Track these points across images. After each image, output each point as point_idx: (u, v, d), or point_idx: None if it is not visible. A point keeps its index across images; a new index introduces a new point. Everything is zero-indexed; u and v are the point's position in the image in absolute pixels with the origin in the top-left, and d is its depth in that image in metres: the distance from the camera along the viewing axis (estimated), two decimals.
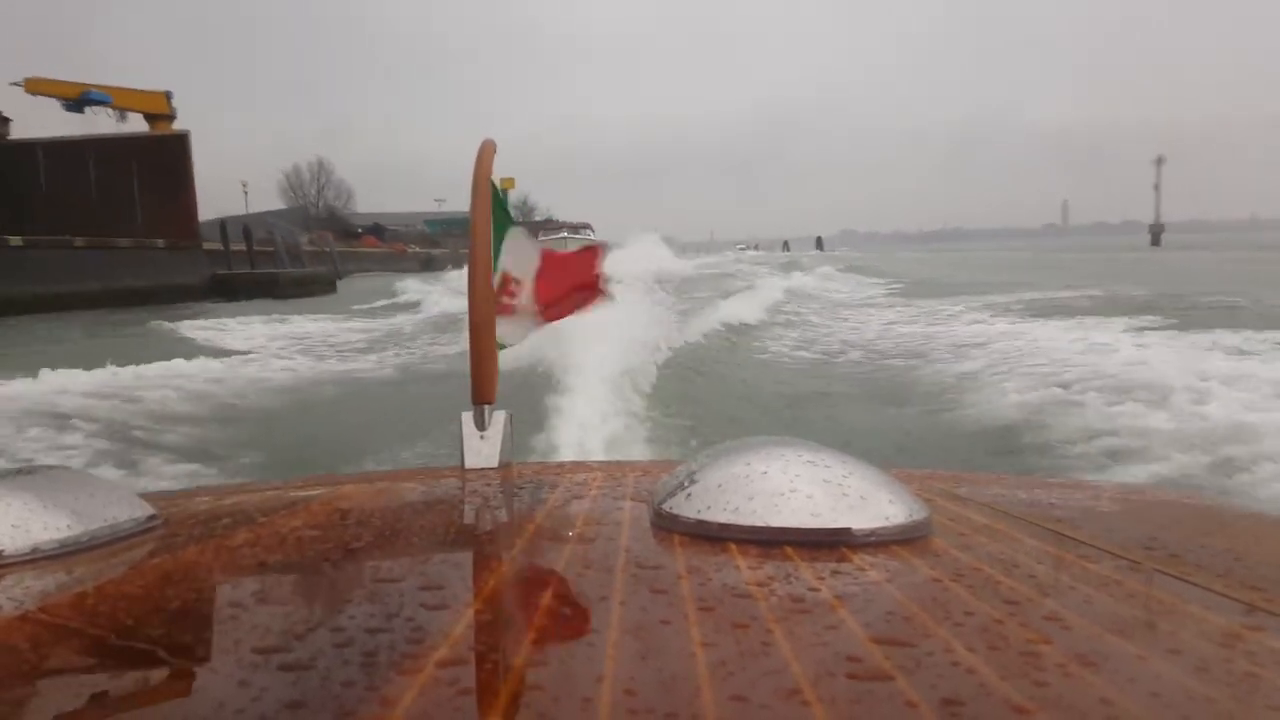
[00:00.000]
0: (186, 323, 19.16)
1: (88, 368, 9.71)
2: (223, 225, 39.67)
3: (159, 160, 38.59)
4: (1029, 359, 8.98)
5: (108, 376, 9.54)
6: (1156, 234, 71.61)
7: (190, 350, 12.87)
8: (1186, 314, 12.62)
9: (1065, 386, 7.27)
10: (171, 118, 44.49)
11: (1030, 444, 6.05)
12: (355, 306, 23.95)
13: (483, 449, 1.30)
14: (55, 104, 41.94)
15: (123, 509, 0.90)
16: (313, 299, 29.63)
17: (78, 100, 42.00)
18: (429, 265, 54.61)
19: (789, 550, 0.77)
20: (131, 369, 9.98)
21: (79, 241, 30.63)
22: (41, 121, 40.35)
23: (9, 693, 0.51)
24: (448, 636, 0.57)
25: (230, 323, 19.10)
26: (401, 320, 19.31)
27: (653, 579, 0.70)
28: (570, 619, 0.63)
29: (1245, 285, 17.83)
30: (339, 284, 37.21)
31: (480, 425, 1.31)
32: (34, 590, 0.72)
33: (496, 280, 1.38)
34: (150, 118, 43.87)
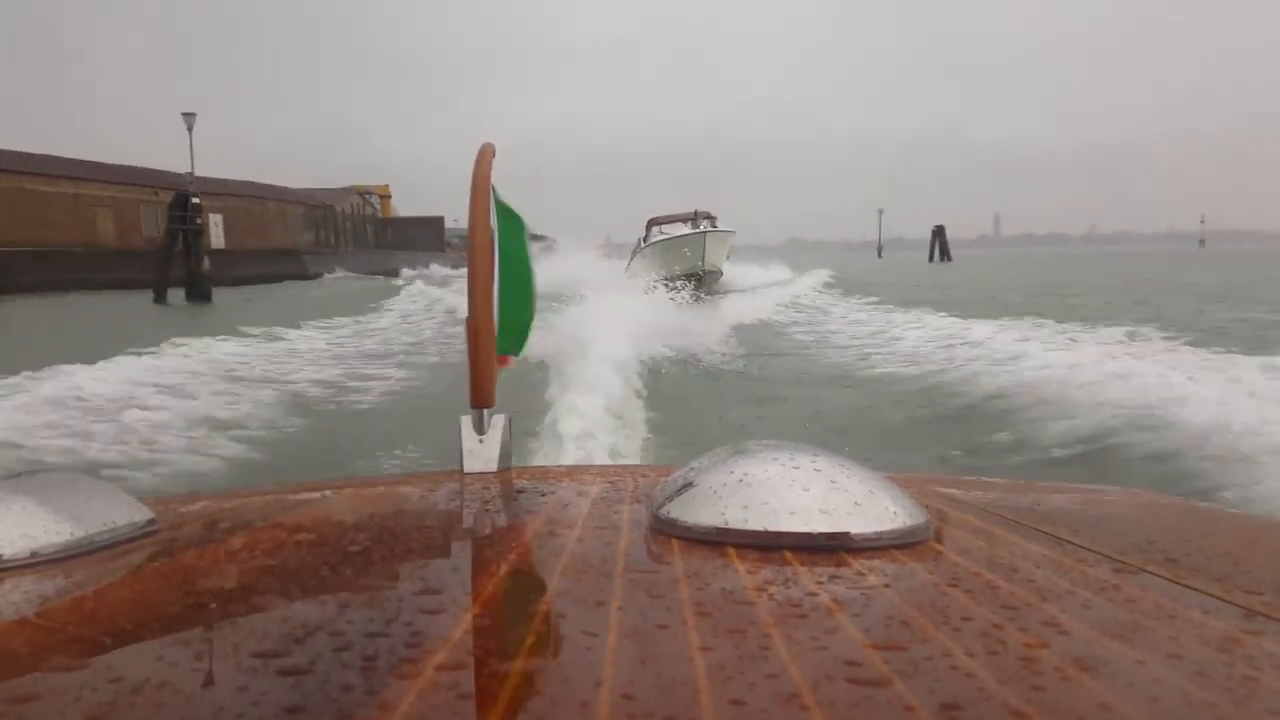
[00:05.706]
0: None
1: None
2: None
3: (434, 225, 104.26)
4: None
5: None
6: (879, 250, 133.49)
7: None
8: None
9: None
10: (389, 197, 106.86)
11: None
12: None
13: (482, 453, 1.29)
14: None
15: (121, 513, 0.89)
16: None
17: (364, 193, 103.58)
18: None
19: (788, 554, 0.77)
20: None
21: (400, 252, 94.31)
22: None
23: (8, 697, 0.50)
24: (446, 640, 0.57)
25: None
26: None
27: (651, 584, 0.70)
28: (568, 623, 0.62)
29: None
30: None
31: (479, 429, 1.30)
32: (33, 595, 0.71)
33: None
34: (381, 197, 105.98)
